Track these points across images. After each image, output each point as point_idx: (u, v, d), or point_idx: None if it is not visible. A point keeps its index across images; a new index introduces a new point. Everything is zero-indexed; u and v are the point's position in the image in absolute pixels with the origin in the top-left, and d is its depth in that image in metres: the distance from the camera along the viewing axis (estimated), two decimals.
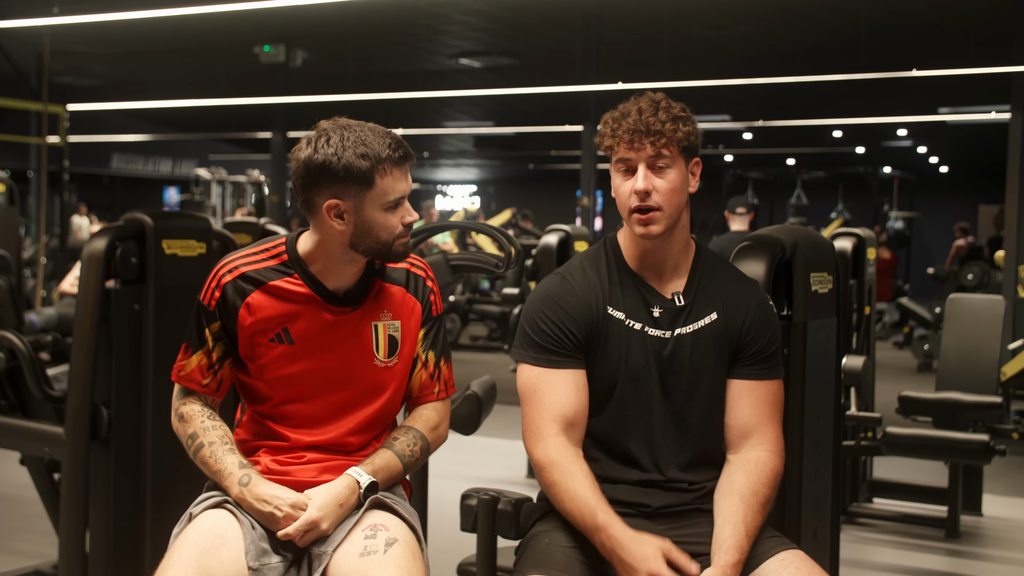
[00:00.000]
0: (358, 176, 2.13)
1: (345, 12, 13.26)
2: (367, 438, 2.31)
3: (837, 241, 4.73)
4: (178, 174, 27.80)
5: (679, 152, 2.18)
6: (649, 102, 2.19)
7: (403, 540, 2.12)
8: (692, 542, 2.13)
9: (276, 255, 2.28)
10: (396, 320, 2.31)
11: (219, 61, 17.67)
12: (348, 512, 2.17)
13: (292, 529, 2.10)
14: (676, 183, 2.18)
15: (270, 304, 2.23)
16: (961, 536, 4.91)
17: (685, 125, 2.17)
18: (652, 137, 2.14)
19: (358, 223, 2.18)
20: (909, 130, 22.29)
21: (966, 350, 5.13)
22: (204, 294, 2.26)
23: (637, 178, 2.17)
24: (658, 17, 13.89)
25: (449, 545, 3.41)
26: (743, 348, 2.23)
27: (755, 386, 2.22)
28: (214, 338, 2.25)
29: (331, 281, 2.26)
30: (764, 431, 2.20)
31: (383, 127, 2.20)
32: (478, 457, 6.09)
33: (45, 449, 3.23)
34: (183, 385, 2.29)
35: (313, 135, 2.18)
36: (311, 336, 2.24)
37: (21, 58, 13.93)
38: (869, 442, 4.69)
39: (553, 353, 2.22)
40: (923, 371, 10.89)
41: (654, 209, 2.17)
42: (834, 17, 13.86)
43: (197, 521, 2.12)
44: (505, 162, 30.39)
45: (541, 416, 2.20)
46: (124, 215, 3.16)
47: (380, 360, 2.28)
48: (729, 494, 2.13)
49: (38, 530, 4.42)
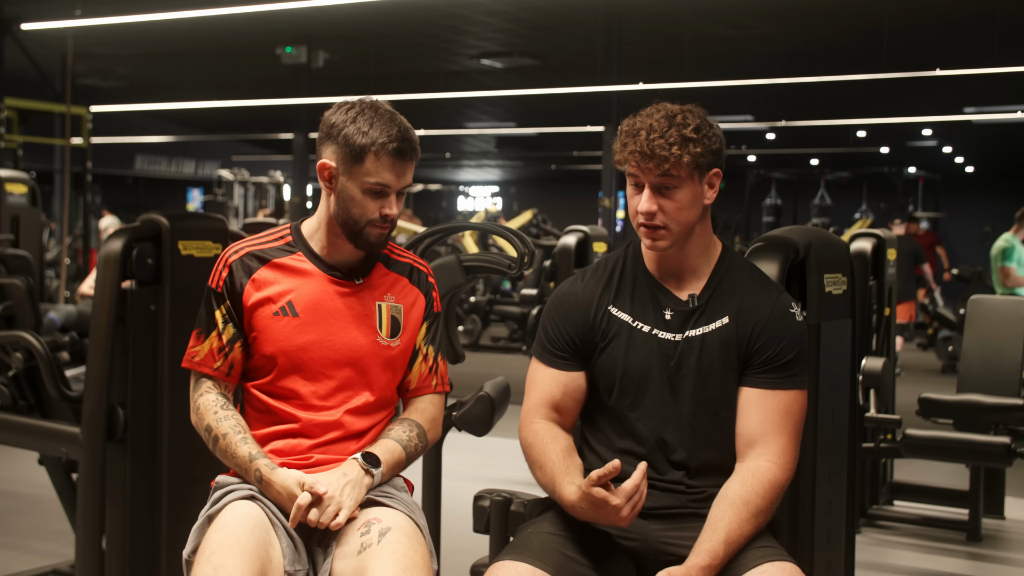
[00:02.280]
0: (351, 149, 2.22)
1: (366, 13, 13.31)
2: (369, 423, 2.32)
3: (856, 242, 4.69)
4: (201, 175, 27.97)
5: (688, 173, 2.15)
6: (664, 118, 2.14)
7: (397, 527, 2.13)
8: (683, 545, 2.12)
9: (281, 236, 2.37)
10: (399, 303, 2.36)
11: (241, 62, 17.78)
12: (358, 487, 2.18)
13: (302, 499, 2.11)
14: (683, 202, 2.16)
15: (275, 278, 2.30)
16: (983, 539, 4.86)
17: (696, 146, 2.13)
18: (655, 161, 2.12)
19: (339, 192, 2.27)
20: (934, 130, 22.16)
21: (988, 352, 5.08)
22: (212, 277, 2.33)
23: (643, 198, 2.16)
24: (679, 17, 13.87)
25: (465, 546, 3.41)
26: (753, 355, 2.18)
27: (765, 395, 2.17)
28: (224, 320, 2.30)
29: (332, 255, 2.33)
30: (770, 441, 2.15)
31: (407, 123, 2.27)
32: (493, 458, 6.08)
33: (62, 449, 3.24)
34: (196, 370, 2.32)
35: (347, 103, 2.28)
36: (315, 307, 2.29)
37: (45, 60, 14.05)
38: (889, 444, 4.65)
39: (551, 352, 2.28)
40: (947, 372, 10.80)
41: (660, 227, 2.17)
42: (857, 16, 13.79)
43: (242, 509, 2.11)
44: (527, 163, 30.42)
45: (529, 404, 2.28)
46: (140, 216, 3.17)
47: (383, 338, 2.32)
48: (720, 500, 2.11)
49: (57, 529, 4.45)
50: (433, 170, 32.49)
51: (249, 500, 2.15)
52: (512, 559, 2.07)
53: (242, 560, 2.01)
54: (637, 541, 2.19)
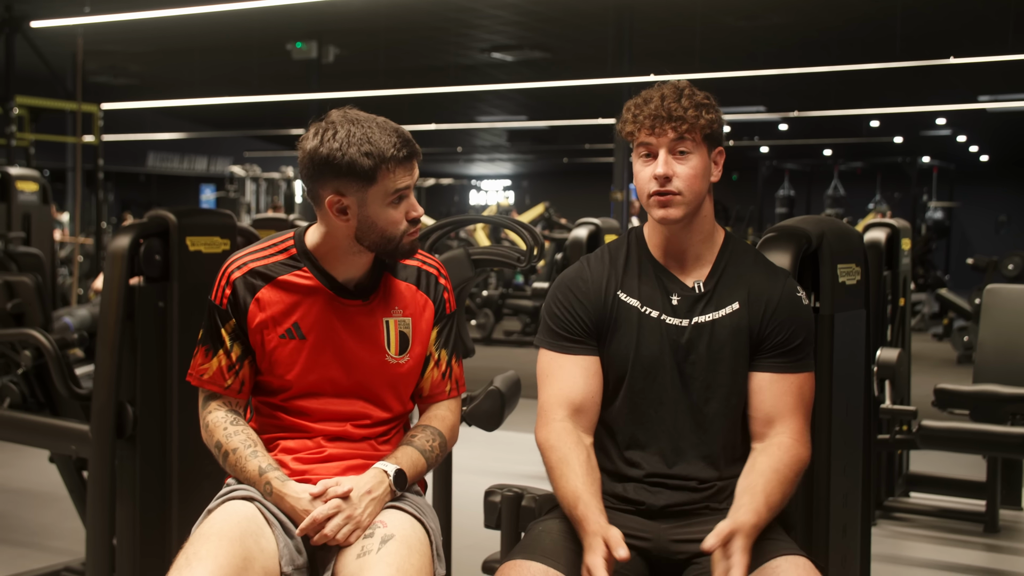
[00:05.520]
0: (361, 173, 2.10)
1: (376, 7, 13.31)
2: (383, 437, 2.29)
3: (870, 232, 4.65)
4: (213, 171, 28.04)
5: (701, 139, 2.15)
6: (672, 88, 2.17)
7: (400, 535, 2.08)
8: (695, 541, 2.07)
9: (284, 249, 2.26)
10: (407, 317, 2.28)
11: (252, 58, 17.80)
12: (382, 504, 2.14)
13: (319, 512, 2.06)
14: (698, 169, 2.15)
15: (280, 299, 2.22)
16: (1000, 531, 4.82)
17: (708, 112, 2.14)
18: (674, 123, 2.12)
19: (361, 219, 2.15)
20: (948, 119, 22.05)
21: (1004, 341, 5.04)
22: (215, 293, 2.24)
23: (658, 163, 2.14)
24: (690, 8, 13.82)
25: (477, 541, 3.39)
26: (764, 340, 2.18)
27: (777, 379, 2.17)
28: (231, 337, 2.23)
29: (340, 272, 2.24)
30: (787, 421, 2.15)
31: (393, 123, 2.16)
32: (504, 452, 6.07)
33: (72, 447, 3.23)
34: (206, 388, 2.26)
35: (321, 125, 2.14)
36: (322, 329, 2.22)
37: (56, 58, 14.07)
38: (904, 436, 4.62)
39: (564, 338, 2.21)
40: (963, 363, 10.75)
41: (673, 193, 2.14)
42: (869, 4, 13.72)
43: (232, 506, 2.09)
44: (539, 156, 30.39)
45: (549, 400, 2.20)
46: (148, 212, 3.15)
47: (392, 356, 2.26)
48: (749, 473, 2.10)
49: (69, 527, 4.45)
50: (445, 164, 32.50)
51: (246, 500, 2.12)
52: (525, 558, 2.04)
53: (218, 547, 1.97)
54: (649, 540, 2.16)
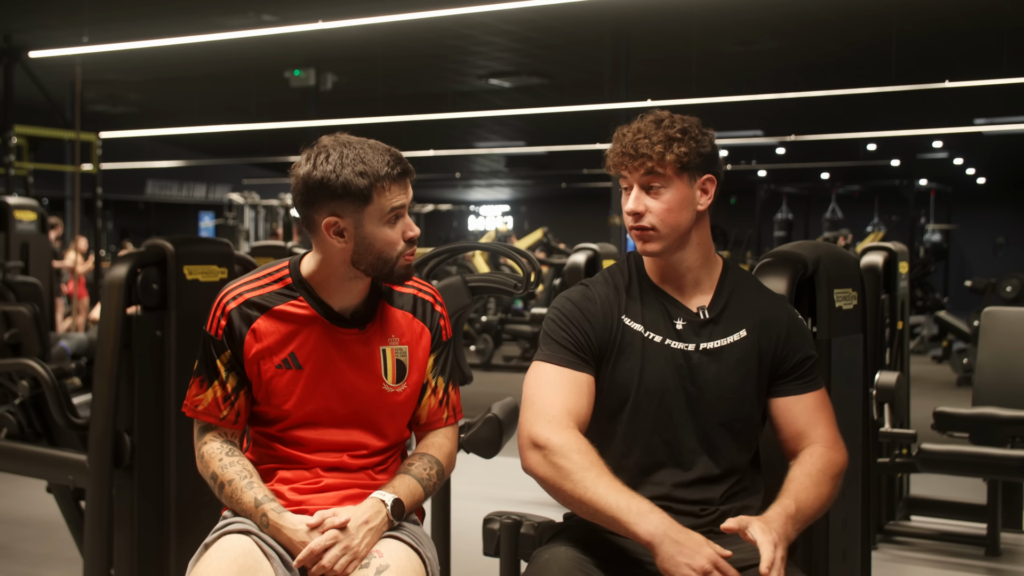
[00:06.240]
0: (356, 193, 2.10)
1: (374, 35, 13.36)
2: (380, 467, 2.28)
3: (867, 255, 4.65)
4: (212, 199, 28.08)
5: (675, 172, 2.14)
6: (652, 121, 2.17)
7: (396, 566, 2.07)
8: None
9: (280, 279, 2.25)
10: (404, 345, 2.28)
11: (250, 86, 17.87)
12: (379, 534, 2.13)
13: (316, 543, 2.04)
14: (672, 203, 2.15)
15: (276, 329, 2.21)
16: (1002, 554, 4.80)
17: (680, 146, 2.13)
18: (639, 160, 2.14)
19: (358, 240, 2.15)
20: (945, 142, 22.12)
21: (1003, 364, 5.03)
22: (210, 324, 2.23)
23: (630, 198, 2.18)
24: (687, 33, 13.88)
25: (476, 569, 3.38)
26: (781, 364, 2.19)
27: (799, 400, 2.20)
28: (227, 368, 2.22)
29: (337, 301, 2.23)
30: (816, 431, 2.18)
31: (384, 144, 2.17)
32: (502, 479, 6.04)
33: (69, 477, 3.22)
34: (201, 419, 2.25)
35: (312, 151, 2.15)
36: (318, 359, 2.21)
37: (54, 88, 14.13)
38: (904, 459, 4.60)
39: (570, 352, 2.18)
40: (962, 385, 10.72)
41: (647, 228, 2.16)
42: (864, 29, 13.79)
43: (229, 541, 2.08)
44: (537, 181, 30.45)
45: (555, 407, 2.13)
46: (145, 241, 3.16)
47: (389, 385, 2.25)
48: (782, 483, 2.11)
49: (67, 557, 4.42)
50: (443, 190, 32.55)
51: (243, 534, 2.10)
52: None
53: None
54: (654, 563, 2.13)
